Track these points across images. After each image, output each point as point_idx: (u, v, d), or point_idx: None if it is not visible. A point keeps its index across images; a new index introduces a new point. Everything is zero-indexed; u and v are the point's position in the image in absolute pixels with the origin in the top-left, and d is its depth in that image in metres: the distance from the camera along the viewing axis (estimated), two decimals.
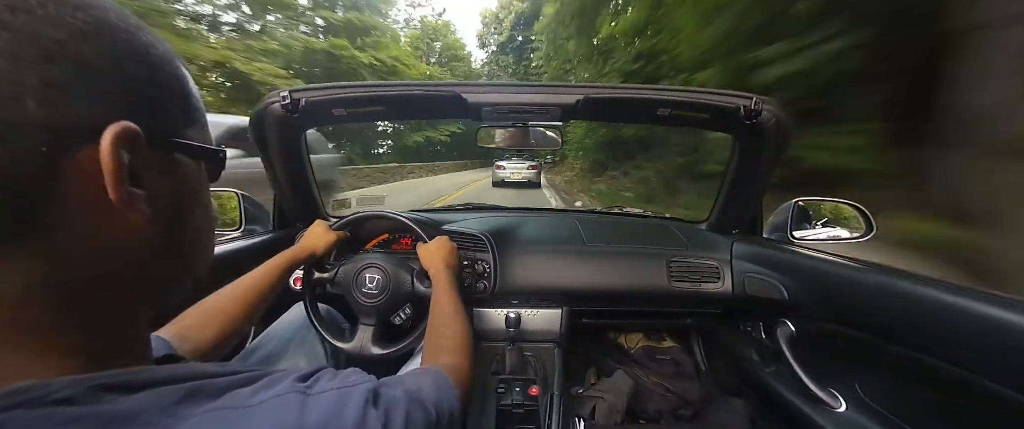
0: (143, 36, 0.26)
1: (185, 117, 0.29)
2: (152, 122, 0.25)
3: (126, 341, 0.27)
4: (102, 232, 0.23)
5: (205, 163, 0.31)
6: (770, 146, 0.92)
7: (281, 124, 0.92)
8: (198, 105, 0.30)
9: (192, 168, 0.29)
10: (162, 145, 0.26)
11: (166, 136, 0.27)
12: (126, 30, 0.24)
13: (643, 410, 1.26)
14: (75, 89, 0.21)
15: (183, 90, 0.28)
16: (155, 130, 0.25)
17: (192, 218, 0.30)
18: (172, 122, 0.27)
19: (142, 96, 0.25)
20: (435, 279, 0.80)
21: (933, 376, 0.62)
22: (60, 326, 0.23)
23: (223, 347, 0.63)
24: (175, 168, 0.28)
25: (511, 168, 11.58)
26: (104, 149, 0.22)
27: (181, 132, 0.28)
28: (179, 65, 0.28)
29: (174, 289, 0.31)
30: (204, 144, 0.30)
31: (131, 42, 0.24)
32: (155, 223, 0.26)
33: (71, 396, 0.20)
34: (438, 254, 0.85)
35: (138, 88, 0.25)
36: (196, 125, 0.30)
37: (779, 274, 0.93)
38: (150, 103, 0.25)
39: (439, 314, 0.70)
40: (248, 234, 1.11)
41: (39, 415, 0.19)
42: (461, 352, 0.61)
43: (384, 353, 0.86)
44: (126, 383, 0.23)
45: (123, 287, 0.26)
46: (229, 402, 0.25)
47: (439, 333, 0.65)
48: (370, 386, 0.32)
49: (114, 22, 0.24)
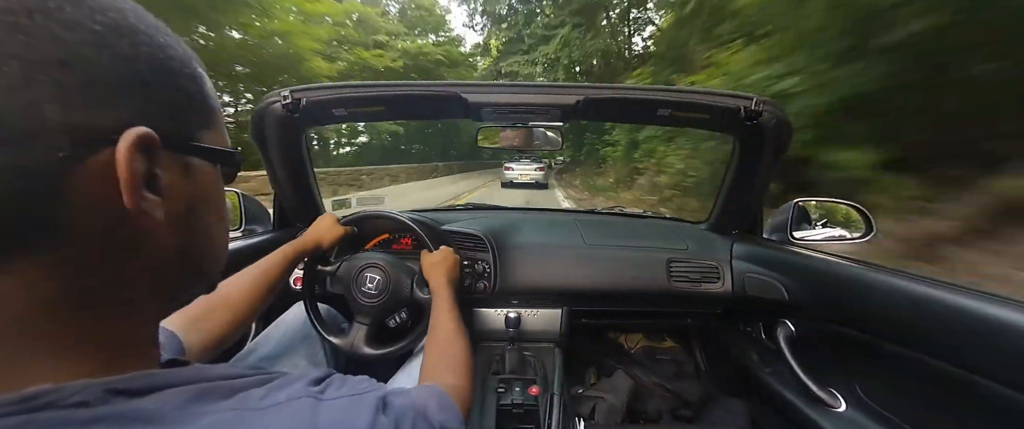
0: (161, 37, 0.25)
1: (202, 119, 0.28)
2: (169, 125, 0.25)
3: (137, 344, 0.27)
4: (116, 237, 0.23)
5: (221, 165, 0.31)
6: (770, 147, 0.92)
7: (281, 124, 0.92)
8: (215, 106, 0.30)
9: (208, 171, 0.29)
10: (179, 149, 0.26)
11: (183, 140, 0.26)
12: (145, 32, 0.24)
13: (643, 410, 1.26)
14: (92, 94, 0.21)
15: (201, 91, 0.28)
16: (172, 134, 0.25)
17: (206, 223, 0.29)
18: (189, 125, 0.27)
19: (160, 99, 0.24)
20: (436, 294, 0.80)
21: (933, 376, 0.63)
22: (73, 331, 0.23)
23: (228, 338, 0.63)
24: (191, 172, 0.27)
25: (519, 169, 11.59)
26: (121, 155, 0.22)
27: (198, 135, 0.28)
28: (196, 66, 0.28)
29: (186, 293, 0.30)
30: (221, 147, 0.30)
31: (150, 44, 0.24)
32: (169, 228, 0.25)
33: (86, 400, 0.20)
34: (441, 267, 0.85)
35: (156, 91, 0.24)
36: (213, 127, 0.29)
37: (779, 274, 0.93)
38: (168, 106, 0.25)
39: (441, 332, 0.70)
40: (248, 234, 1.11)
41: (56, 418, 0.19)
42: (463, 373, 0.61)
43: (375, 354, 0.86)
44: (138, 387, 0.23)
45: (136, 292, 0.25)
46: (242, 403, 0.25)
47: (442, 351, 0.65)
48: (380, 394, 0.32)
49: (132, 24, 0.23)
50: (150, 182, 0.23)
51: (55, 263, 0.21)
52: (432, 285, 0.82)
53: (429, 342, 0.68)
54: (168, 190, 0.25)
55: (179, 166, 0.26)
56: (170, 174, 0.25)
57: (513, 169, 11.70)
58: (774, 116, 0.85)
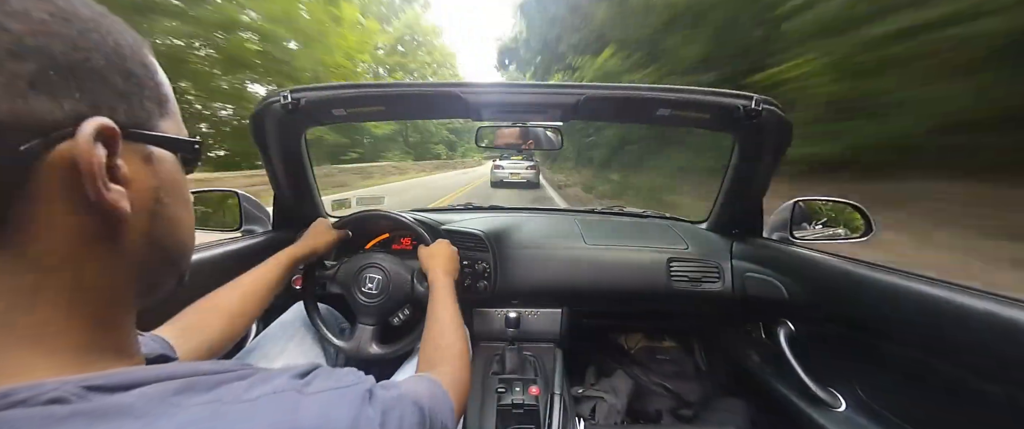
0: (109, 24, 0.25)
1: (158, 108, 0.28)
2: (126, 115, 0.24)
3: (114, 339, 0.26)
4: (83, 229, 0.23)
5: (181, 154, 0.30)
6: (770, 146, 0.92)
7: (281, 124, 0.92)
8: (169, 94, 0.29)
9: (169, 160, 0.29)
10: (138, 138, 0.26)
11: (141, 129, 0.26)
12: (92, 19, 0.23)
13: (643, 410, 1.26)
14: (46, 85, 0.21)
15: (154, 79, 0.27)
16: (130, 123, 0.25)
17: (174, 211, 0.29)
18: (146, 114, 0.26)
19: (115, 89, 0.24)
20: (433, 285, 0.79)
21: (933, 376, 0.62)
22: (46, 326, 0.23)
23: (223, 346, 0.62)
24: (152, 162, 0.27)
25: (510, 168, 11.07)
26: (82, 147, 0.21)
27: (155, 124, 0.27)
28: (147, 53, 0.27)
29: (158, 284, 0.30)
30: (178, 136, 0.29)
31: (99, 31, 0.24)
32: (135, 218, 0.25)
33: (61, 396, 0.20)
34: (438, 259, 0.85)
35: (110, 80, 0.24)
36: (169, 116, 0.29)
37: (779, 274, 0.93)
38: (123, 95, 0.25)
39: (436, 323, 0.69)
40: (248, 234, 1.11)
41: (32, 415, 0.19)
42: (458, 362, 0.60)
43: (382, 352, 0.86)
44: (118, 383, 0.22)
45: (107, 284, 0.25)
46: (223, 395, 0.24)
47: (436, 342, 0.65)
48: (366, 387, 0.32)
49: (79, 11, 0.23)
50: (112, 173, 0.23)
51: (21, 257, 0.21)
52: (429, 277, 0.82)
53: (425, 333, 0.68)
54: (131, 180, 0.25)
55: (139, 156, 0.26)
56: (131, 165, 0.25)
57: (503, 168, 11.10)
58: (774, 115, 0.85)
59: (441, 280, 0.79)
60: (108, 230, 0.24)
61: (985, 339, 0.53)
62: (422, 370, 0.59)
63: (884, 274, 0.69)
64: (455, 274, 0.86)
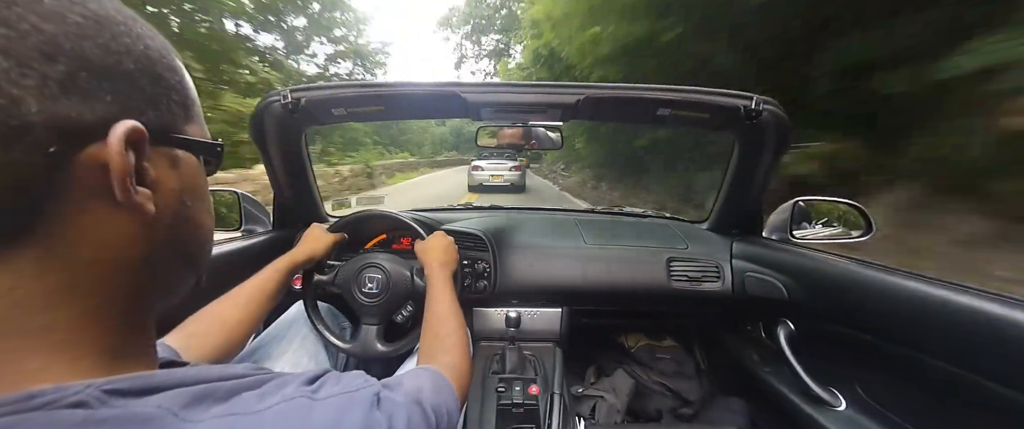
0: (139, 28, 0.25)
1: (184, 112, 0.28)
2: (154, 119, 0.25)
3: (134, 342, 0.27)
4: (108, 231, 0.23)
5: (204, 157, 0.31)
6: (770, 146, 0.92)
7: (281, 123, 0.92)
8: (195, 98, 0.30)
9: (193, 164, 0.29)
10: (165, 142, 0.26)
11: (168, 132, 0.26)
12: (123, 23, 0.24)
13: (643, 409, 1.26)
14: (77, 87, 0.21)
15: (181, 83, 0.28)
16: (158, 127, 0.25)
17: (195, 213, 0.29)
18: (172, 118, 0.27)
19: (144, 92, 0.24)
20: (429, 277, 0.79)
21: (933, 376, 0.63)
22: (68, 328, 0.23)
23: (227, 355, 0.63)
24: (177, 165, 0.27)
25: (491, 170, 9.65)
26: (111, 149, 0.21)
27: (181, 128, 0.28)
28: (174, 57, 0.28)
29: (177, 286, 0.30)
30: (204, 139, 0.30)
31: (130, 35, 0.24)
32: (160, 221, 0.25)
33: (84, 400, 0.20)
34: (433, 252, 0.85)
35: (139, 84, 0.24)
36: (194, 119, 0.29)
37: (779, 274, 0.93)
38: (152, 99, 0.25)
39: (435, 313, 0.69)
40: (248, 234, 1.11)
41: (54, 419, 0.19)
42: (458, 351, 0.61)
43: (388, 351, 0.87)
44: (136, 387, 0.23)
45: (129, 287, 0.25)
46: (237, 407, 0.25)
47: (435, 332, 0.65)
48: (374, 390, 0.33)
49: (112, 15, 0.23)
50: (139, 176, 0.23)
51: (47, 259, 0.21)
52: (426, 270, 0.82)
53: (424, 325, 0.68)
54: (157, 183, 0.25)
55: (166, 159, 0.26)
56: (158, 168, 0.25)
57: (483, 169, 9.61)
58: (774, 115, 0.85)
59: (437, 271, 0.79)
60: (133, 232, 0.24)
61: (985, 338, 0.53)
62: (423, 361, 0.59)
63: (884, 274, 0.69)
64: (452, 264, 0.86)
